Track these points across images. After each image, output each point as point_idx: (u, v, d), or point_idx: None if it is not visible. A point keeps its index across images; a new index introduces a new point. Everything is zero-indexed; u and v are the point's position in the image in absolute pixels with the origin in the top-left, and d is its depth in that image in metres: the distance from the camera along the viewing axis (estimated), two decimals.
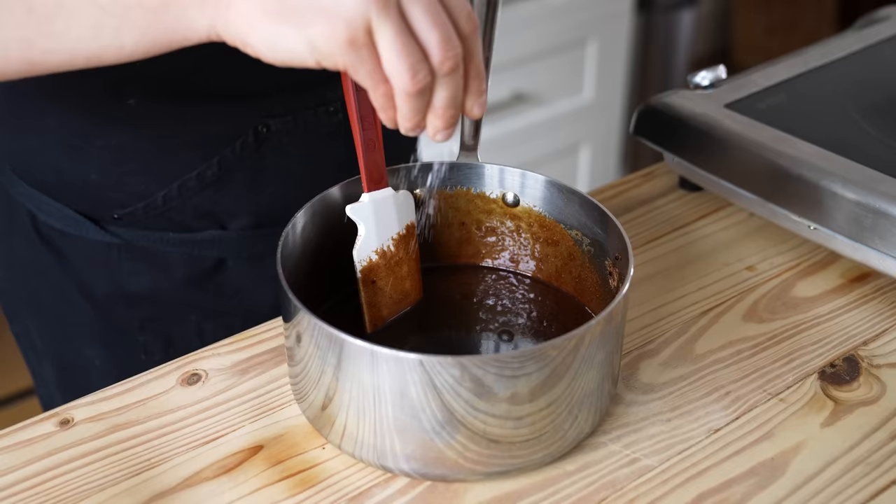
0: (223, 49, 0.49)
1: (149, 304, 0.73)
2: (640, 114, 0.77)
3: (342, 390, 0.53)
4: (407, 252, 0.61)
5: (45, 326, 0.77)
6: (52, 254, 0.73)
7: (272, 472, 0.55)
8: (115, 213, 0.70)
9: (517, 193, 0.64)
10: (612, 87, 1.85)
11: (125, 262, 0.72)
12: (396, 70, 0.45)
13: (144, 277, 0.72)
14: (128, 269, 0.72)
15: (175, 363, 0.63)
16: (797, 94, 0.77)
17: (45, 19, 0.49)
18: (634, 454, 0.56)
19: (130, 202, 0.69)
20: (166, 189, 0.69)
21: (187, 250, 0.72)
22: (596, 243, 0.62)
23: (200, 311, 0.74)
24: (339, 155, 0.72)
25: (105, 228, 0.71)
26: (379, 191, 0.58)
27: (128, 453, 0.56)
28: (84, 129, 0.67)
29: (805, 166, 0.68)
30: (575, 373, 0.53)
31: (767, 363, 0.63)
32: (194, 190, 0.69)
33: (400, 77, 0.45)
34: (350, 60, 0.45)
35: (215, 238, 0.72)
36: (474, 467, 0.54)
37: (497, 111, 1.65)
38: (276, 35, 0.45)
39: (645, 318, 0.67)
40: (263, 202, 0.71)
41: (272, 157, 0.70)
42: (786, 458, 0.56)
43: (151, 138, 0.67)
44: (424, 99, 0.47)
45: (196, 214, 0.70)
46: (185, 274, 0.72)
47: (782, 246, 0.74)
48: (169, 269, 0.72)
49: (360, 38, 0.44)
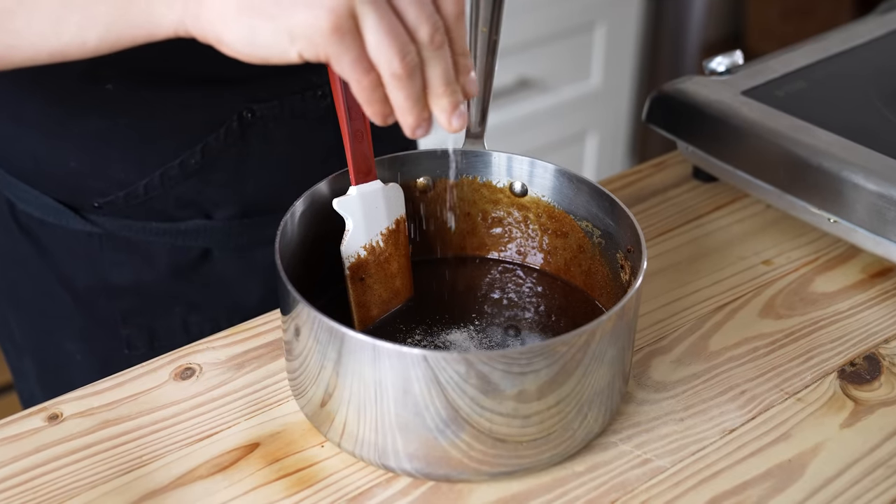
0: None
1: (132, 296, 0.73)
2: (653, 101, 0.77)
3: (342, 386, 0.53)
4: (396, 248, 0.60)
5: (25, 319, 0.77)
6: (31, 244, 0.73)
7: (269, 470, 0.55)
8: (95, 202, 0.70)
9: (525, 183, 0.64)
10: (620, 73, 1.85)
11: (107, 252, 0.72)
12: (384, 54, 0.45)
13: (127, 268, 0.72)
14: (109, 259, 0.72)
15: (168, 357, 0.63)
16: (817, 80, 0.77)
17: (5, 15, 0.48)
18: (646, 455, 0.56)
19: (111, 190, 0.69)
20: (148, 178, 0.68)
21: (171, 240, 0.71)
22: (607, 235, 0.61)
23: (185, 304, 0.74)
24: (328, 140, 0.72)
25: (85, 217, 0.71)
26: (367, 183, 0.57)
27: (118, 450, 0.56)
28: (61, 115, 0.67)
29: (825, 156, 0.68)
30: (585, 370, 0.52)
31: (784, 361, 0.63)
32: (177, 179, 0.69)
33: (388, 61, 0.45)
34: (334, 50, 0.45)
35: (200, 228, 0.71)
36: (479, 467, 0.53)
37: (501, 97, 1.65)
38: (254, 29, 0.45)
39: (657, 314, 0.67)
40: (249, 191, 0.71)
41: (258, 144, 0.69)
42: (803, 460, 0.56)
43: (131, 124, 0.67)
44: (417, 83, 0.46)
45: (179, 204, 0.70)
46: (169, 265, 0.72)
47: (800, 239, 0.74)
48: (152, 260, 0.72)
49: (344, 24, 0.44)
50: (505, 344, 0.60)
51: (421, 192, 0.64)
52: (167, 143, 0.68)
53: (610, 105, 1.86)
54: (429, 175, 0.64)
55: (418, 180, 0.64)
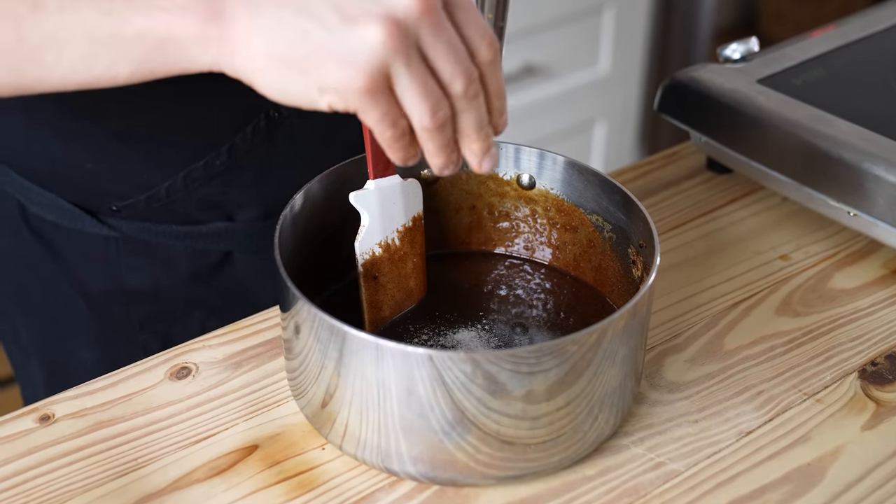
0: None
1: (149, 301, 0.73)
2: (666, 89, 0.77)
3: (344, 386, 0.53)
4: (412, 246, 0.60)
5: (35, 325, 0.76)
6: (44, 247, 0.72)
7: (268, 473, 0.55)
8: (113, 205, 0.69)
9: (533, 175, 0.64)
10: (629, 59, 1.84)
11: (124, 256, 0.71)
12: (416, 111, 0.46)
13: (145, 273, 0.72)
14: (127, 264, 0.71)
15: (163, 356, 0.63)
16: (836, 68, 0.77)
17: (36, 49, 0.49)
18: (659, 458, 0.56)
19: (131, 194, 0.68)
20: (170, 180, 0.68)
21: (192, 244, 0.71)
22: (618, 229, 0.61)
23: (205, 309, 0.73)
24: (353, 138, 0.71)
25: (103, 221, 0.70)
26: (385, 178, 0.57)
27: (113, 452, 0.56)
28: (78, 113, 0.66)
29: (844, 147, 0.67)
30: (595, 369, 0.52)
31: (803, 361, 0.63)
32: (201, 180, 0.68)
33: (420, 117, 0.46)
34: (364, 105, 0.45)
35: (222, 230, 0.71)
36: (486, 471, 0.53)
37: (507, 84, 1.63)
38: (285, 82, 0.46)
39: (670, 311, 0.66)
40: (273, 191, 0.70)
41: (284, 143, 0.69)
42: (823, 464, 0.56)
43: (153, 124, 0.66)
44: (448, 132, 0.48)
45: (202, 206, 0.70)
46: (190, 269, 0.72)
47: (819, 233, 0.74)
48: (172, 264, 0.71)
49: (377, 84, 0.45)
50: (512, 342, 0.60)
51: (426, 185, 0.64)
52: (191, 143, 0.67)
53: (619, 92, 1.85)
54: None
55: (423, 171, 0.64)
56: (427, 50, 0.45)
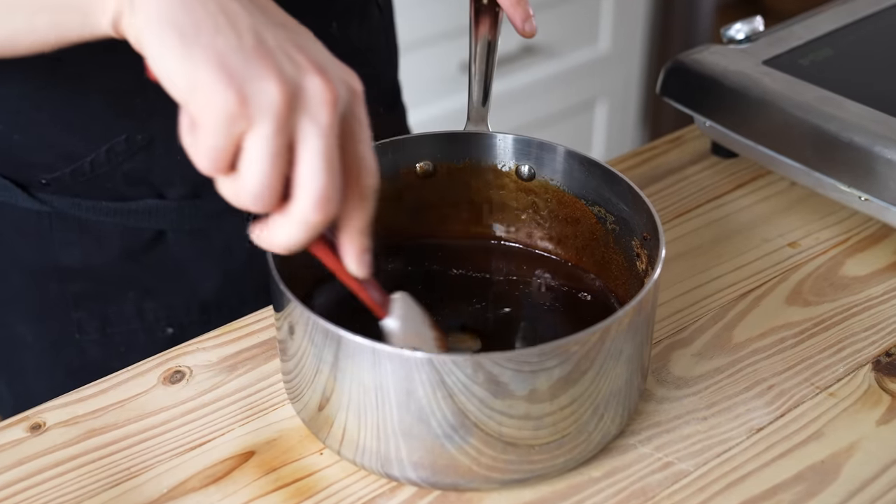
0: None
1: (83, 279, 0.73)
2: (668, 72, 0.76)
3: (340, 390, 0.52)
4: None
5: None
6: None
7: (265, 480, 0.54)
8: (42, 178, 0.70)
9: (533, 166, 0.63)
10: (630, 37, 1.83)
11: (57, 232, 0.72)
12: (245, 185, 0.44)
13: (77, 250, 0.72)
14: (60, 240, 0.72)
15: (155, 359, 0.62)
16: (844, 47, 0.76)
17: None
18: (667, 457, 0.55)
19: (58, 166, 0.69)
20: (94, 153, 0.68)
21: (122, 220, 0.71)
22: (621, 221, 0.60)
23: (139, 289, 0.74)
24: None
25: (34, 196, 0.71)
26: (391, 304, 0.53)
27: (105, 461, 0.55)
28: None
29: (855, 129, 0.67)
30: (600, 368, 0.52)
31: (814, 353, 0.62)
32: (124, 155, 0.68)
33: (246, 191, 0.44)
34: (212, 127, 0.43)
35: (152, 208, 0.71)
36: (489, 474, 0.53)
37: (504, 64, 1.64)
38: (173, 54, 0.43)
39: (676, 303, 0.66)
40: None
41: None
42: (838, 461, 0.55)
43: (73, 95, 0.66)
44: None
45: (129, 181, 0.70)
46: (122, 247, 0.72)
47: (829, 219, 0.73)
48: (104, 242, 0.72)
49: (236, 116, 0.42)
50: (513, 341, 0.59)
51: (422, 178, 0.63)
52: (113, 116, 0.67)
53: (620, 71, 1.84)
54: (430, 160, 0.63)
55: (418, 165, 0.63)
56: (303, 136, 0.43)
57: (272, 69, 0.42)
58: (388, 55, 0.81)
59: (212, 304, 0.74)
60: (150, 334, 0.74)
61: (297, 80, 0.43)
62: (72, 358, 0.75)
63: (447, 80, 1.57)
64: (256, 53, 0.42)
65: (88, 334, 0.74)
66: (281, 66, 0.42)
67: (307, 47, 0.44)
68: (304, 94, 0.43)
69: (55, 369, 0.76)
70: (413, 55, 1.30)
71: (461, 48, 1.35)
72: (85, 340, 0.74)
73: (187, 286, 0.74)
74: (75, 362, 0.75)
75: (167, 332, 0.74)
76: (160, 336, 0.74)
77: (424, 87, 1.52)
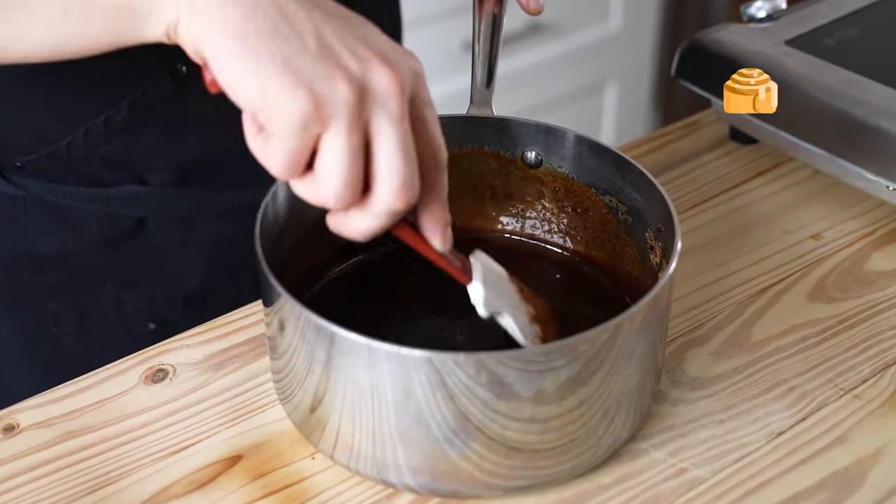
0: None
1: (59, 268, 0.74)
2: (684, 52, 0.77)
3: (334, 391, 0.52)
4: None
5: None
6: None
7: (253, 487, 0.54)
8: (17, 161, 0.70)
9: (539, 152, 0.63)
10: (642, 15, 1.83)
11: (32, 218, 0.72)
12: (325, 185, 0.46)
13: (53, 238, 0.73)
14: (35, 227, 0.72)
15: (136, 357, 0.62)
16: (871, 26, 0.76)
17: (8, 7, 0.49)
18: (682, 463, 0.56)
19: (33, 148, 0.69)
20: (70, 135, 0.68)
21: (101, 207, 0.72)
22: (634, 211, 0.61)
23: (118, 281, 0.74)
24: None
25: (8, 179, 0.71)
26: (473, 266, 0.56)
27: (83, 466, 0.55)
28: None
29: (882, 114, 0.67)
30: (611, 368, 0.52)
31: (838, 352, 0.62)
32: (102, 137, 0.68)
33: (327, 191, 0.46)
34: (285, 131, 0.45)
35: (132, 194, 0.72)
36: (492, 481, 0.53)
37: (511, 43, 1.63)
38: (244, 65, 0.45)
39: (692, 299, 0.66)
40: (187, 154, 0.71)
41: (195, 102, 0.69)
42: (863, 467, 0.55)
43: (50, 72, 0.66)
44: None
45: (108, 165, 0.70)
46: (100, 235, 0.73)
47: (854, 209, 0.73)
48: (81, 229, 0.72)
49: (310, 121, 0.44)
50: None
51: None
52: (91, 97, 0.67)
53: (631, 51, 1.85)
54: None
55: None
56: (376, 130, 0.46)
57: (339, 68, 0.45)
58: (391, 33, 0.81)
59: (196, 297, 0.75)
60: (130, 329, 0.74)
61: (364, 75, 0.45)
62: (49, 352, 0.75)
63: (449, 60, 1.57)
64: (321, 54, 0.45)
65: (65, 327, 0.75)
66: (346, 64, 0.45)
67: (366, 37, 0.47)
68: (372, 87, 0.45)
69: (33, 363, 0.76)
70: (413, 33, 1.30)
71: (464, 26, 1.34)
72: (62, 333, 0.74)
73: (169, 278, 0.74)
74: (53, 356, 0.75)
75: (148, 327, 0.74)
76: (141, 331, 0.74)
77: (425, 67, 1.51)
